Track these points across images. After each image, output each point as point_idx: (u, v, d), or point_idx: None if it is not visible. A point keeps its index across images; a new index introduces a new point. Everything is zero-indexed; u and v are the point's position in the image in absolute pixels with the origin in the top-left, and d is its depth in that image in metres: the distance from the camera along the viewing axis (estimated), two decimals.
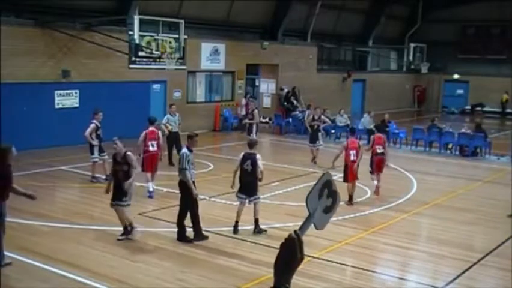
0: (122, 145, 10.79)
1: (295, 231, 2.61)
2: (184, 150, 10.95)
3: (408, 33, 39.99)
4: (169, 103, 19.43)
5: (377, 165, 14.53)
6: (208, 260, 9.75)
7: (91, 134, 14.88)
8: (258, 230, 11.27)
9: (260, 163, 11.09)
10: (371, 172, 14.67)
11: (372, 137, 15.27)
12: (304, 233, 2.64)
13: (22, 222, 11.36)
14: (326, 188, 2.77)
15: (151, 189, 13.85)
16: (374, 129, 16.91)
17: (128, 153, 10.74)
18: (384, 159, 14.64)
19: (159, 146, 14.26)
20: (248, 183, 11.14)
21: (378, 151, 14.52)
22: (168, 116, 17.63)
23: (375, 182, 14.44)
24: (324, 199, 2.76)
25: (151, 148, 14.00)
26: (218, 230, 11.28)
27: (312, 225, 2.74)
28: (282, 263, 2.58)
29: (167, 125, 17.33)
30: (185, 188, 10.65)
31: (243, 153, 11.28)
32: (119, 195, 10.51)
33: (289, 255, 2.58)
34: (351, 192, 13.64)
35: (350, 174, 13.62)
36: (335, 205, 2.82)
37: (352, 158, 13.64)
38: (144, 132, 14.12)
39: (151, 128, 14.26)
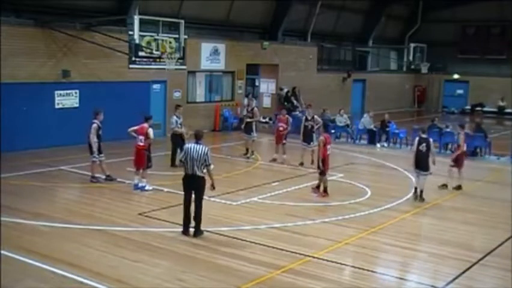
0: None
1: None
2: (206, 147, 10.91)
3: (408, 33, 40.03)
4: (176, 104, 18.90)
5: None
6: (208, 260, 9.74)
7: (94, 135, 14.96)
8: (421, 198, 14.19)
9: (433, 146, 14.39)
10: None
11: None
12: None
13: (22, 222, 11.36)
14: None
15: (135, 183, 14.43)
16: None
17: None
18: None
19: (145, 142, 14.43)
20: (423, 161, 14.25)
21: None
22: (176, 118, 17.31)
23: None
24: None
25: (138, 142, 14.44)
26: (218, 230, 11.27)
27: None
28: None
29: (179, 127, 17.23)
30: (204, 184, 10.87)
31: (418, 138, 14.47)
32: None
33: None
34: (327, 184, 14.51)
35: (327, 167, 14.52)
36: None
37: (328, 152, 14.55)
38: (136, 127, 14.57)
39: (143, 124, 14.51)
